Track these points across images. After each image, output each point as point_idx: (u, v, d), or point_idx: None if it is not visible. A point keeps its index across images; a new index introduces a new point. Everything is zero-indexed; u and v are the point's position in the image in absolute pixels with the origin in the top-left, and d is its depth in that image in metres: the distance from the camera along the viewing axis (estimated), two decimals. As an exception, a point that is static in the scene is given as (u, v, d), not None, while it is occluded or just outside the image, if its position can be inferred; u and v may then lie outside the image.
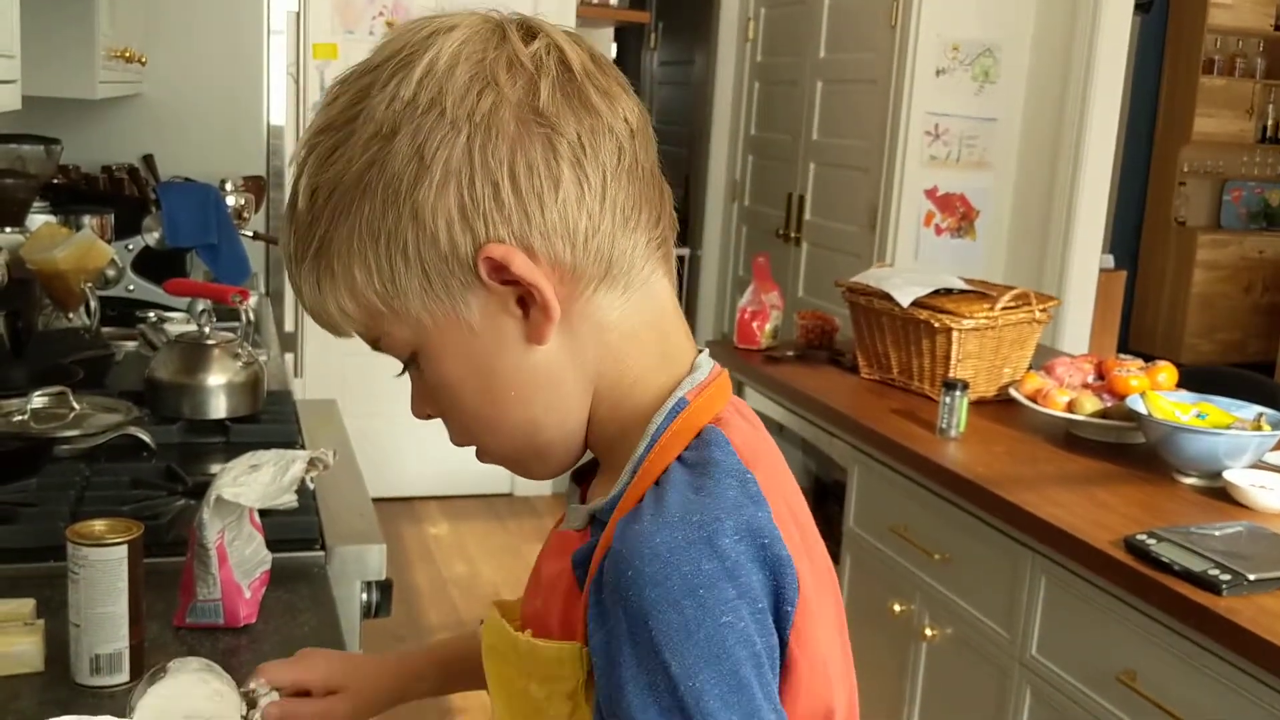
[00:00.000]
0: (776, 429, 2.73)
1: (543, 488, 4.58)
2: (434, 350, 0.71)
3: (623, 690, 0.64)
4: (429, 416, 0.77)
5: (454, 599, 3.65)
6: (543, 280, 0.68)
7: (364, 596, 1.47)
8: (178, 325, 2.23)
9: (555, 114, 0.68)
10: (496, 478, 4.56)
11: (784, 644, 0.67)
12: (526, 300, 0.69)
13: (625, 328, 0.72)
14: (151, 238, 2.59)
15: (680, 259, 6.11)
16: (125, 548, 1.09)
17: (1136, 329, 7.13)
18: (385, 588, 1.48)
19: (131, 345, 2.31)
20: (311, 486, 1.31)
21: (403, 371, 0.76)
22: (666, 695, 0.62)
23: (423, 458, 4.44)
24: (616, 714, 0.64)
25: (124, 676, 1.10)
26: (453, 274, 0.68)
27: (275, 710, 0.96)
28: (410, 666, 1.04)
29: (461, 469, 4.52)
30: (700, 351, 0.77)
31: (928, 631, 2.15)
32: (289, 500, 1.22)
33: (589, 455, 0.79)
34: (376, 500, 1.63)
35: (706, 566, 0.64)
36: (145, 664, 1.12)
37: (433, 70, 0.67)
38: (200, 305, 1.90)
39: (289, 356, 3.21)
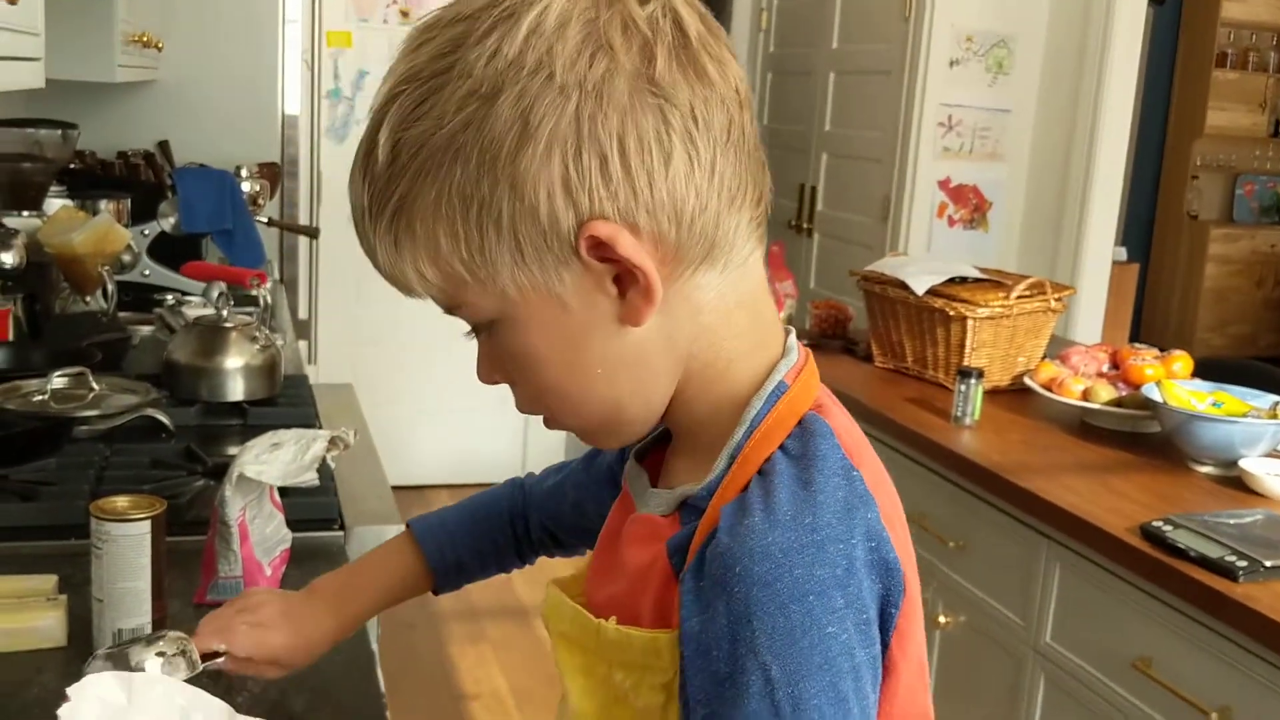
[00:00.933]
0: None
1: (553, 477, 4.58)
2: (518, 322, 0.68)
3: (719, 687, 0.63)
4: (496, 382, 0.74)
5: (466, 587, 3.65)
6: (648, 262, 0.65)
7: (382, 577, 1.47)
8: (195, 309, 2.24)
9: (670, 83, 0.64)
10: (507, 466, 4.57)
11: (885, 647, 0.66)
12: (625, 280, 0.66)
13: (721, 308, 0.70)
14: (167, 223, 2.60)
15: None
16: (148, 523, 1.09)
17: (1148, 322, 7.11)
18: (403, 569, 1.48)
19: (147, 330, 2.32)
20: (332, 465, 1.32)
21: (472, 334, 0.73)
22: (763, 698, 0.61)
23: (434, 446, 4.45)
24: (708, 706, 0.63)
25: (147, 651, 1.11)
26: (549, 248, 0.65)
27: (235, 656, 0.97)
28: (332, 616, 1.03)
29: (472, 457, 4.52)
30: (788, 333, 0.75)
31: (941, 619, 2.15)
32: (310, 478, 1.23)
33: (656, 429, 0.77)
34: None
35: (819, 573, 0.62)
36: (168, 639, 1.13)
37: (540, 28, 0.63)
38: (217, 289, 1.91)
39: (303, 344, 3.21)
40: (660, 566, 0.70)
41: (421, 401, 4.41)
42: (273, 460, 1.21)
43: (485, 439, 4.53)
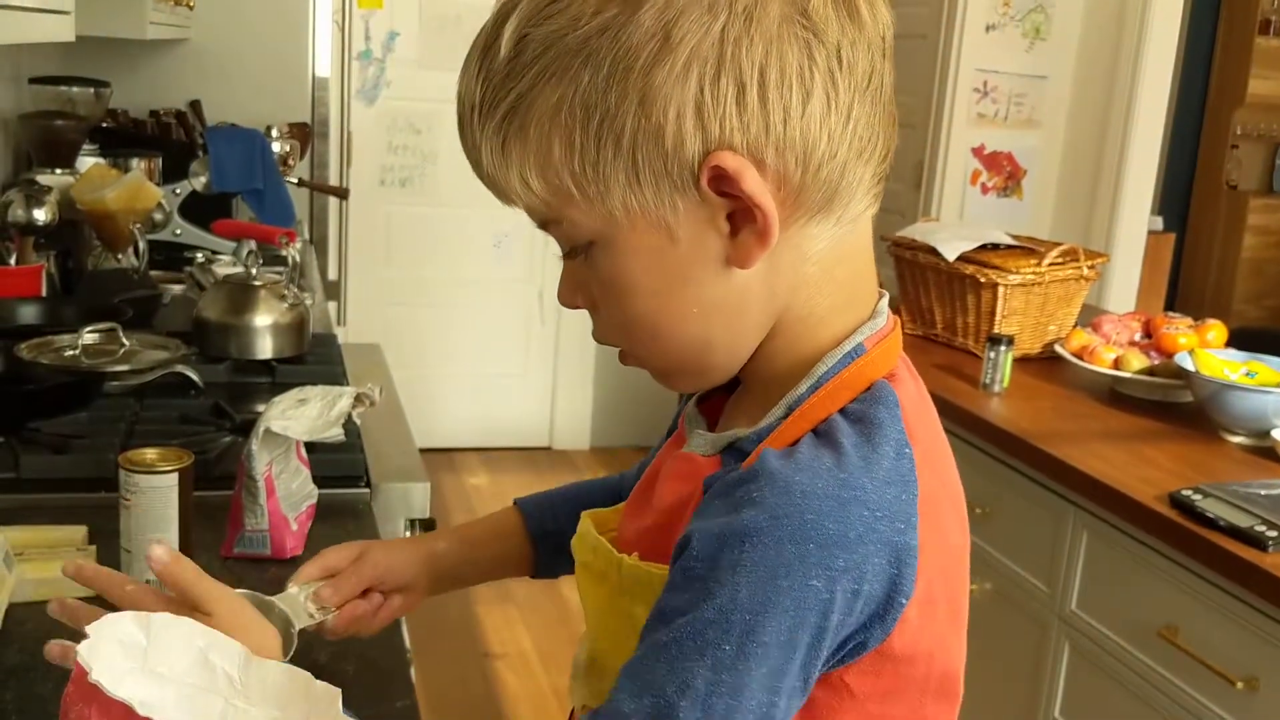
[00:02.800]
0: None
1: (581, 441, 4.60)
2: (618, 246, 0.65)
3: (687, 581, 0.61)
4: (577, 306, 0.71)
5: (492, 548, 3.68)
6: (769, 201, 0.62)
7: (408, 534, 1.48)
8: (225, 267, 2.25)
9: (822, 19, 0.61)
10: (536, 431, 4.59)
11: (886, 633, 0.64)
12: (739, 218, 0.63)
13: (825, 262, 0.67)
14: (199, 182, 2.61)
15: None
16: (176, 475, 1.10)
17: (1184, 292, 7.03)
18: (429, 526, 1.49)
19: (178, 288, 2.34)
20: (358, 422, 1.32)
21: (567, 255, 0.69)
22: (720, 613, 0.60)
23: (463, 409, 4.47)
24: (668, 594, 0.62)
25: (174, 602, 1.12)
26: (667, 173, 0.62)
27: (343, 617, 0.93)
28: (430, 545, 1.01)
29: (501, 421, 4.54)
30: (881, 296, 0.72)
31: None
32: (336, 434, 1.23)
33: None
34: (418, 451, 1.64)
35: (829, 526, 0.60)
36: (194, 590, 1.14)
37: None
38: (247, 247, 1.92)
39: (332, 305, 3.22)
40: (693, 505, 0.68)
41: (450, 364, 4.42)
42: (299, 416, 1.21)
43: (514, 402, 4.54)
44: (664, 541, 0.68)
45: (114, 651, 0.55)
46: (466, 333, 4.42)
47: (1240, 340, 2.31)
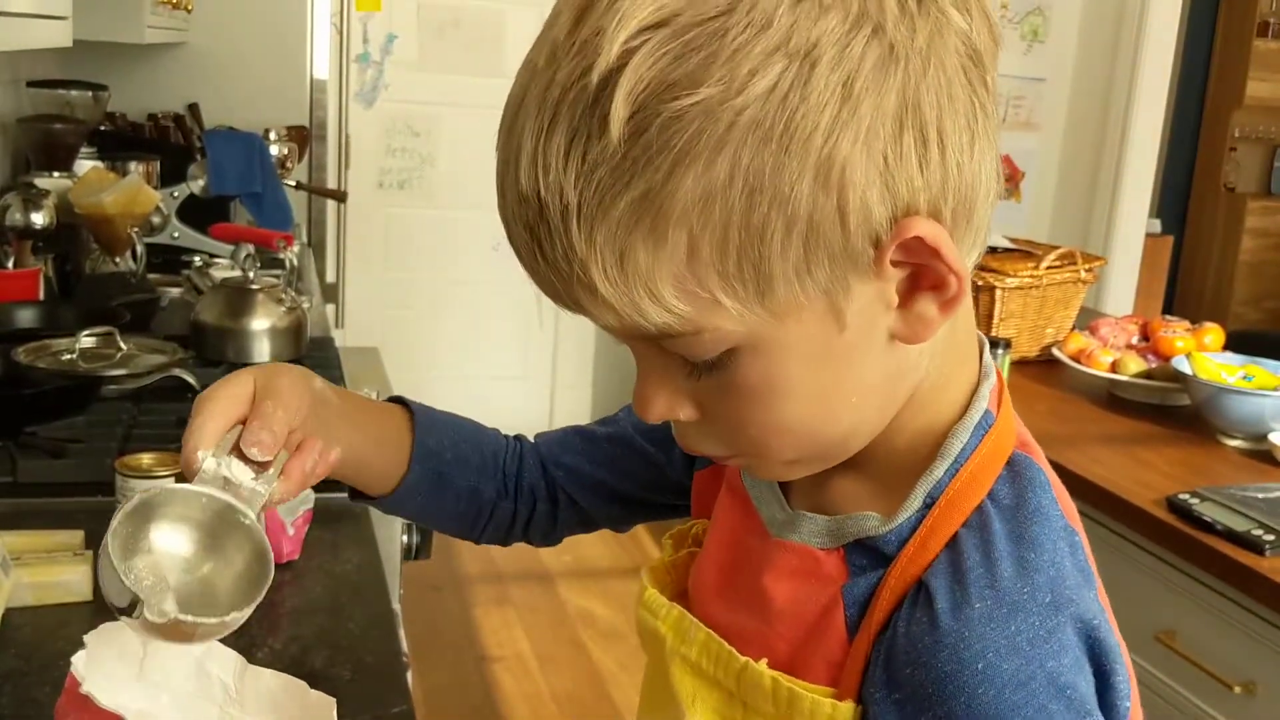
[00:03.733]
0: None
1: (579, 444, 4.60)
2: (772, 347, 0.53)
3: None
4: (677, 418, 0.58)
5: (490, 550, 3.68)
6: (964, 266, 0.52)
7: (404, 538, 1.48)
8: (223, 270, 2.25)
9: (982, 45, 0.52)
10: (534, 432, 4.58)
11: None
12: (916, 286, 0.53)
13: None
14: (196, 185, 2.61)
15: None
16: (172, 480, 1.10)
17: (1183, 295, 7.03)
18: (426, 531, 1.50)
19: (176, 291, 2.34)
20: (355, 426, 1.32)
21: (689, 371, 0.56)
22: None
23: (461, 411, 4.43)
24: None
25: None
26: (847, 252, 0.50)
27: (292, 476, 0.68)
28: (307, 381, 0.74)
29: (499, 423, 4.52)
30: (983, 346, 0.63)
31: (964, 589, 2.14)
32: (333, 439, 1.23)
33: None
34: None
35: (1067, 660, 0.53)
36: (191, 595, 1.14)
37: None
38: (244, 250, 1.92)
39: (330, 308, 3.22)
40: (835, 619, 0.59)
41: (449, 367, 4.42)
42: (295, 420, 1.21)
43: (513, 405, 4.54)
44: (798, 654, 0.61)
45: (110, 660, 0.55)
46: (465, 335, 4.42)
47: (1238, 343, 2.31)
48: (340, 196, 3.38)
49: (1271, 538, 1.54)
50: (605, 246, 0.50)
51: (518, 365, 4.52)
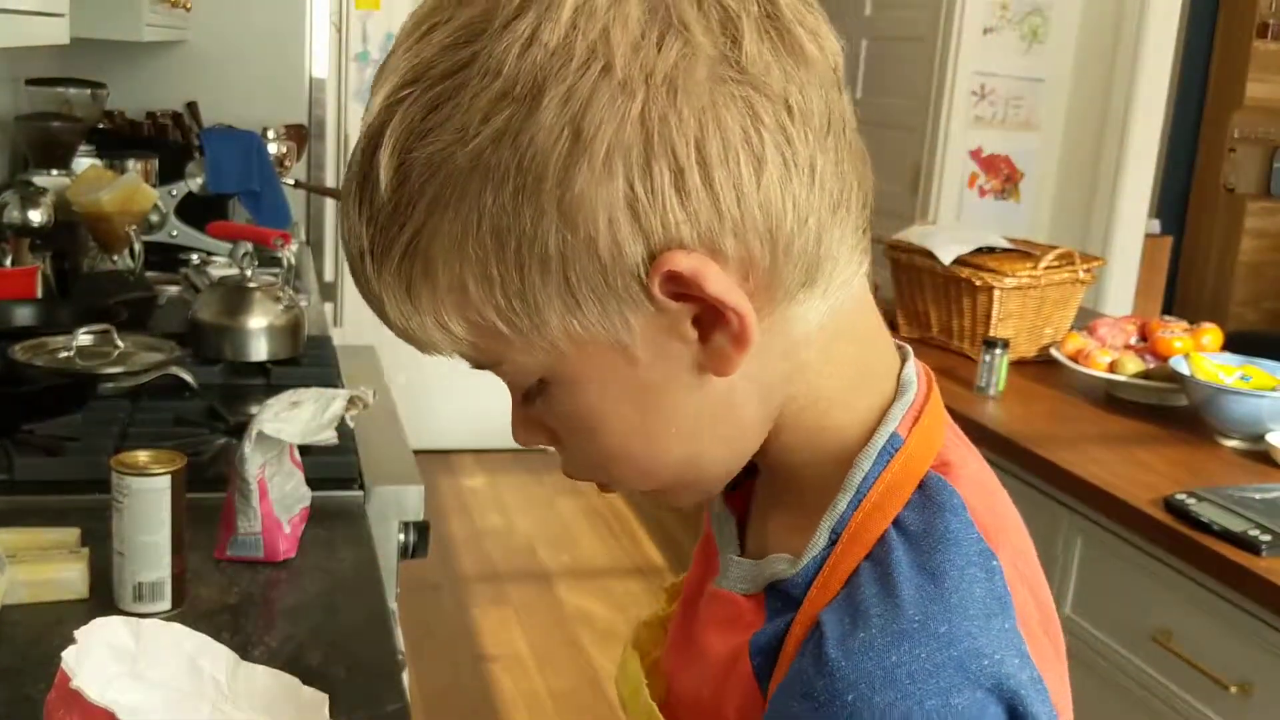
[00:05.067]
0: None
1: (578, 443, 4.60)
2: (572, 380, 0.55)
3: None
4: (540, 444, 0.61)
5: (489, 549, 3.68)
6: (741, 299, 0.52)
7: (401, 537, 1.48)
8: (220, 269, 2.25)
9: (761, 67, 0.51)
10: (532, 432, 4.59)
11: None
12: (708, 320, 0.53)
13: (823, 340, 0.56)
14: (195, 183, 2.61)
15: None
16: (168, 478, 1.10)
17: (1182, 296, 7.03)
18: (422, 529, 1.49)
19: (174, 289, 2.34)
20: (351, 425, 1.32)
21: (522, 400, 0.59)
22: None
23: (459, 410, 4.46)
24: None
25: (165, 604, 1.12)
26: (611, 289, 0.51)
27: None
28: None
29: (498, 422, 4.52)
30: (904, 361, 0.61)
31: (961, 589, 2.14)
32: (329, 437, 1.23)
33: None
34: (413, 452, 1.64)
35: (957, 701, 0.50)
36: (187, 593, 1.14)
37: (589, 4, 0.49)
38: (242, 249, 1.92)
39: (328, 306, 3.22)
40: (742, 668, 0.58)
41: (446, 365, 4.38)
42: (292, 418, 1.22)
43: (509, 404, 4.54)
44: (720, 708, 0.60)
45: (102, 656, 0.54)
46: (463, 334, 4.42)
47: (1237, 344, 2.31)
48: (338, 195, 3.37)
49: (1268, 538, 1.54)
50: (394, 285, 0.54)
51: (516, 364, 4.52)
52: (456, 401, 4.46)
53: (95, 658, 0.54)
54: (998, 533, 0.56)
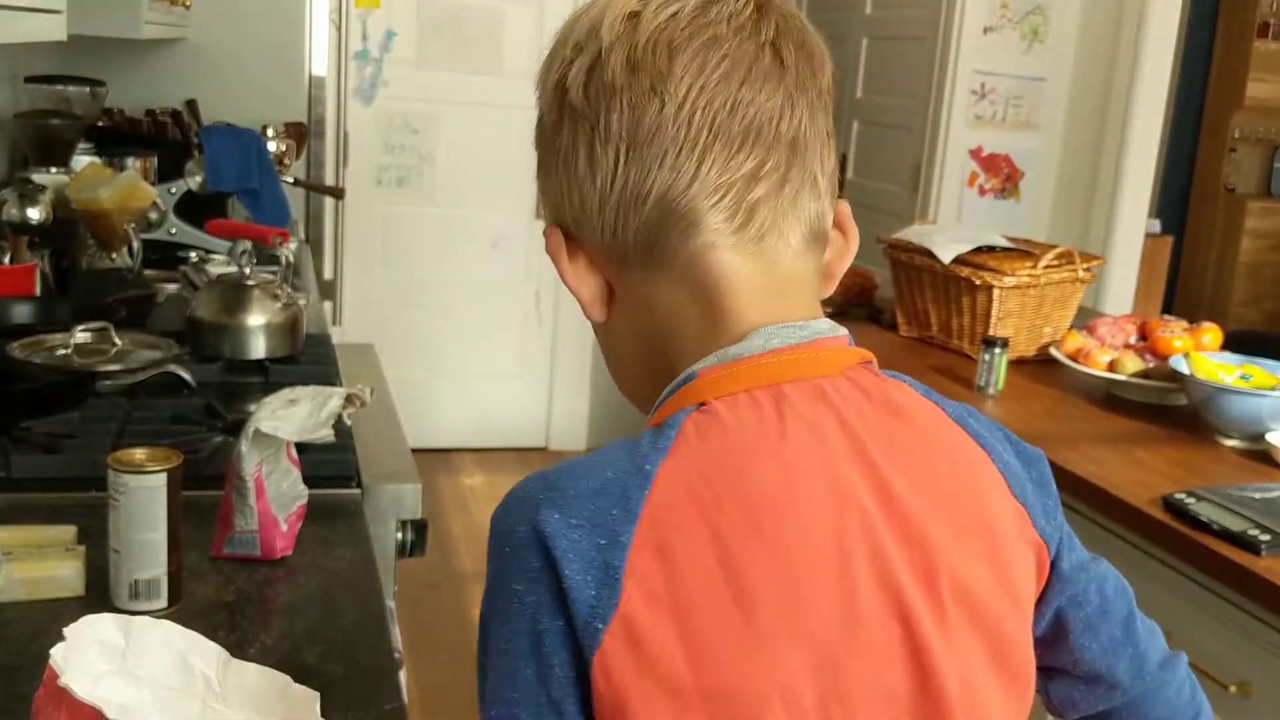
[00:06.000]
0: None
1: (578, 443, 4.60)
2: None
3: None
4: None
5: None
6: (564, 268, 0.74)
7: (399, 535, 1.48)
8: (219, 266, 2.25)
9: (580, 105, 0.71)
10: (532, 431, 4.59)
11: (589, 664, 0.61)
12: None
13: (675, 304, 0.71)
14: (194, 181, 2.61)
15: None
16: (165, 476, 1.10)
17: (1182, 296, 7.03)
18: (420, 527, 1.49)
19: (173, 287, 2.33)
20: (348, 423, 1.32)
21: None
22: (480, 625, 0.67)
23: (459, 409, 4.47)
24: None
25: (162, 602, 1.12)
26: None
27: None
28: None
29: (497, 422, 4.54)
30: (757, 330, 0.70)
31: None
32: (325, 435, 1.23)
33: None
34: (413, 451, 1.64)
35: (521, 529, 0.62)
36: (183, 590, 1.14)
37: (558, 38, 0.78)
38: (241, 246, 1.91)
39: (328, 304, 3.22)
40: None
41: (446, 364, 4.42)
42: (289, 416, 1.21)
43: (510, 402, 4.54)
44: None
45: (91, 654, 0.54)
46: (463, 332, 4.42)
47: (1237, 344, 2.31)
48: (338, 193, 3.38)
49: (1267, 538, 1.54)
50: None
51: (515, 362, 4.52)
52: (456, 400, 4.46)
53: (84, 655, 0.53)
54: (688, 464, 0.64)
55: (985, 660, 0.69)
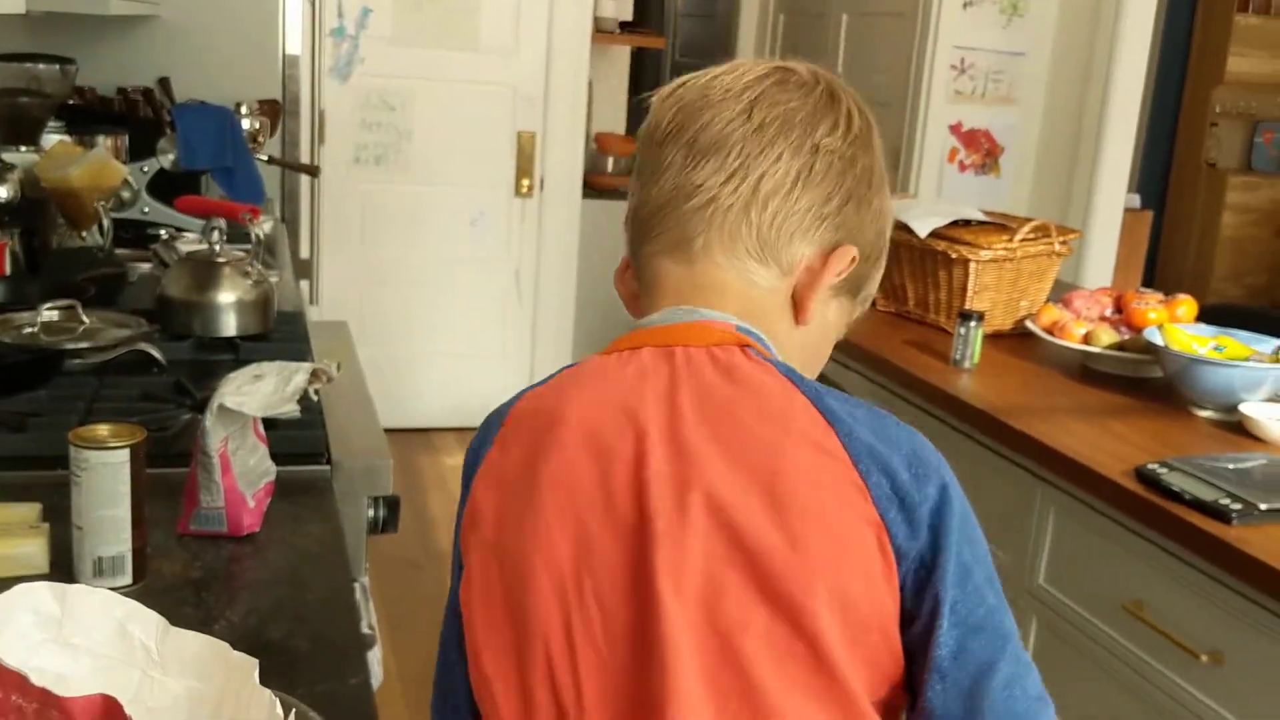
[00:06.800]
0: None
1: (559, 421, 4.59)
2: None
3: None
4: None
5: (469, 528, 3.68)
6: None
7: (371, 512, 1.47)
8: (190, 244, 2.23)
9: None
10: (513, 410, 4.56)
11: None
12: None
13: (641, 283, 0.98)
14: (166, 160, 2.58)
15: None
16: (127, 451, 1.09)
17: (1163, 271, 7.05)
18: (392, 504, 1.48)
19: (145, 267, 2.31)
20: (315, 398, 1.31)
21: None
22: None
23: (440, 389, 4.45)
24: None
25: (126, 579, 1.11)
26: None
27: None
28: None
29: (479, 401, 4.51)
30: (687, 309, 0.93)
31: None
32: (291, 410, 1.22)
33: None
34: (393, 431, 1.62)
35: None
36: (149, 567, 1.13)
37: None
38: (213, 224, 1.90)
39: (305, 284, 3.20)
40: None
41: (427, 344, 4.40)
42: (254, 392, 1.20)
43: (492, 382, 4.52)
44: None
45: (25, 622, 0.53)
46: (444, 312, 4.40)
47: (1214, 316, 2.31)
48: (313, 171, 3.35)
49: (1239, 507, 1.54)
50: None
51: (497, 341, 4.50)
52: (437, 380, 4.45)
53: (18, 624, 0.53)
54: (527, 415, 0.94)
55: (739, 578, 0.79)
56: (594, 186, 4.54)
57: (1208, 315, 2.29)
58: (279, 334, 1.88)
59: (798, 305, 0.94)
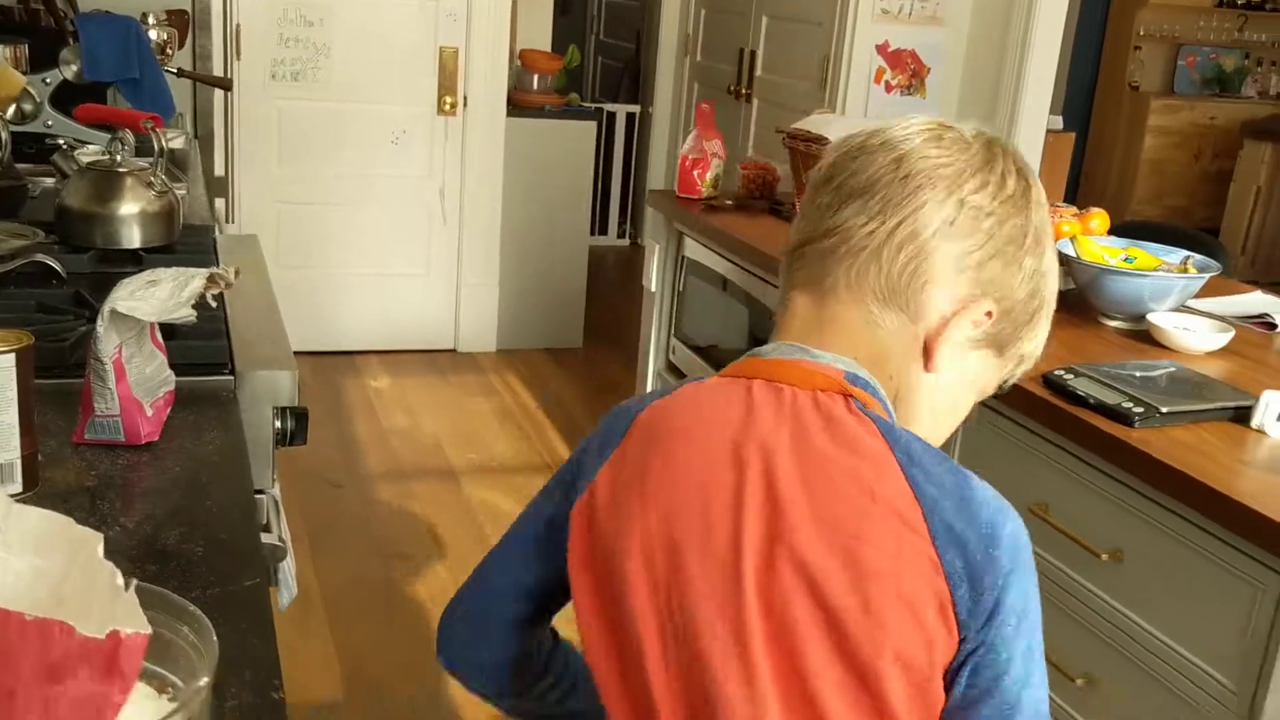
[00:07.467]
0: (719, 282, 2.71)
1: (487, 345, 4.57)
2: None
3: None
4: None
5: (395, 448, 3.66)
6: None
7: (277, 423, 1.45)
8: (90, 155, 2.16)
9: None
10: (440, 333, 4.54)
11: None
12: None
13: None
14: (69, 71, 2.49)
15: (630, 115, 6.01)
16: (13, 356, 1.06)
17: (1085, 192, 7.14)
18: (300, 415, 1.46)
19: (48, 181, 2.24)
20: (213, 305, 1.28)
21: None
22: None
23: (364, 310, 4.40)
24: None
25: (17, 487, 1.08)
26: None
27: None
28: None
29: (403, 324, 4.48)
30: (799, 346, 0.98)
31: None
32: (187, 315, 1.19)
33: None
34: (318, 354, 1.60)
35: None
36: (40, 475, 1.11)
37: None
38: (116, 136, 1.84)
39: (220, 203, 3.13)
40: None
41: (350, 264, 4.34)
42: (148, 296, 1.17)
43: (417, 303, 4.48)
44: None
45: None
46: (366, 232, 4.34)
47: (1127, 231, 2.34)
48: (225, 84, 3.27)
49: (1141, 410, 1.57)
50: None
51: (421, 262, 4.45)
52: (361, 302, 4.40)
53: None
54: (639, 425, 0.98)
55: (819, 634, 0.86)
56: (518, 104, 4.47)
57: (1122, 230, 2.31)
58: (184, 246, 1.84)
59: (927, 352, 0.96)
